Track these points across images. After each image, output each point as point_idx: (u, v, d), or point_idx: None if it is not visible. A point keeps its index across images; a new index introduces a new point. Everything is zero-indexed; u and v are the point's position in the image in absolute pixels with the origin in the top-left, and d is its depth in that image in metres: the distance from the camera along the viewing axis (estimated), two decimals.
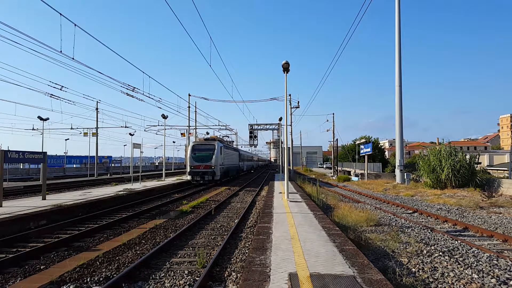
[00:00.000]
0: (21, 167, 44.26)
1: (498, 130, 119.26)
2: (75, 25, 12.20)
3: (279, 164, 52.29)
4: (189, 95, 32.82)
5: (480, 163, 24.53)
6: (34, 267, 6.12)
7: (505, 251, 7.40)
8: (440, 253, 6.94)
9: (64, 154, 58.47)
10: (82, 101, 79.69)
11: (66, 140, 51.78)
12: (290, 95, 37.80)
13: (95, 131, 38.42)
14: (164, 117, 27.04)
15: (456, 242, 7.97)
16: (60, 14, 11.52)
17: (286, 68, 12.84)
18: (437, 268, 6.07)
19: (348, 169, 46.28)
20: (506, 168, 30.98)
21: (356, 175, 36.40)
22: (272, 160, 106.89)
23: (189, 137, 33.19)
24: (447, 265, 6.22)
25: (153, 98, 23.95)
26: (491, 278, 5.54)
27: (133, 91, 20.92)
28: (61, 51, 12.60)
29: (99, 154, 47.11)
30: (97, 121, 37.87)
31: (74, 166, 59.95)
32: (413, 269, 6.02)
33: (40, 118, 34.23)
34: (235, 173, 34.38)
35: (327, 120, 46.87)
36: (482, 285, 5.26)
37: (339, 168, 48.15)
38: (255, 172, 53.17)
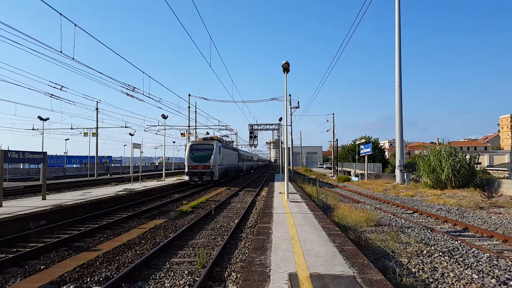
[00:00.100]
0: (21, 167, 44.27)
1: (498, 131, 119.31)
2: (75, 25, 12.22)
3: (279, 164, 52.30)
4: (189, 95, 32.89)
5: (480, 163, 24.54)
6: (34, 267, 6.12)
7: (505, 252, 7.40)
8: (440, 253, 6.94)
9: (64, 154, 58.53)
10: (82, 101, 79.78)
11: (66, 140, 51.90)
12: (290, 95, 37.88)
13: (95, 131, 38.45)
14: (164, 117, 27.06)
15: (456, 243, 7.97)
16: (60, 14, 11.53)
17: (286, 68, 12.84)
18: (437, 268, 6.07)
19: (348, 169, 46.30)
20: (506, 169, 30.98)
21: (356, 175, 36.40)
22: (272, 160, 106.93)
23: (189, 137, 33.21)
24: (447, 265, 6.22)
25: (153, 98, 24.00)
26: (491, 278, 5.55)
27: (133, 91, 20.95)
28: (61, 51, 12.62)
29: (99, 154, 47.15)
30: (97, 121, 37.94)
31: (74, 166, 59.96)
32: (413, 269, 6.02)
33: (40, 118, 34.25)
34: (235, 174, 34.02)
35: (327, 120, 46.95)
36: (482, 285, 5.26)
37: (339, 168, 48.16)
38: (255, 172, 53.16)
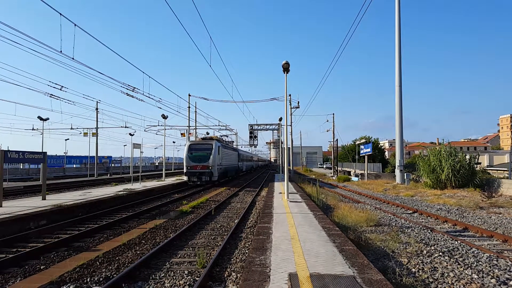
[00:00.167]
0: (21, 167, 44.28)
1: (498, 131, 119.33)
2: (75, 25, 12.21)
3: (279, 164, 52.31)
4: (189, 95, 32.87)
5: (480, 163, 24.54)
6: (34, 267, 6.12)
7: (505, 252, 7.40)
8: (440, 253, 6.94)
9: (64, 154, 58.55)
10: (82, 101, 79.68)
11: (66, 140, 51.93)
12: (290, 95, 37.88)
13: (95, 131, 38.44)
14: (164, 117, 27.06)
15: (456, 242, 7.98)
16: (60, 14, 11.52)
17: (286, 68, 12.84)
18: (437, 268, 6.07)
19: (348, 169, 46.31)
20: (506, 169, 30.99)
21: (356, 175, 36.41)
22: (272, 160, 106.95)
23: (189, 137, 33.17)
24: (447, 265, 6.22)
25: (153, 98, 23.94)
26: (491, 278, 5.55)
27: (133, 91, 20.94)
28: (61, 51, 12.60)
29: (99, 154, 47.16)
30: (97, 121, 37.92)
31: (74, 166, 59.97)
32: (413, 269, 6.03)
33: (40, 118, 34.26)
34: (234, 174, 33.73)
35: (327, 120, 46.97)
36: (482, 285, 5.26)
37: (339, 168, 48.17)
38: (255, 173, 53.16)
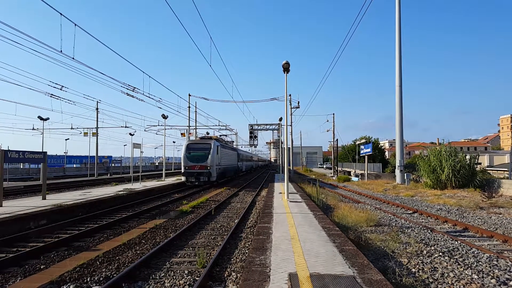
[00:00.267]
0: (21, 167, 44.28)
1: (499, 131, 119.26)
2: (75, 25, 12.21)
3: (279, 164, 52.31)
4: (189, 95, 32.86)
5: (480, 164, 24.54)
6: (34, 267, 6.13)
7: (505, 252, 7.40)
8: (440, 254, 6.94)
9: (64, 154, 58.51)
10: (82, 101, 79.89)
11: (66, 140, 51.83)
12: (290, 95, 37.90)
13: (95, 131, 38.46)
14: (164, 117, 27.07)
15: (456, 243, 7.97)
16: (60, 14, 11.53)
17: (286, 68, 12.84)
18: (437, 269, 6.07)
19: (348, 170, 46.30)
20: (506, 169, 30.95)
21: (356, 176, 36.40)
22: (272, 160, 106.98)
23: (189, 137, 33.13)
24: (447, 266, 6.22)
25: (153, 98, 23.92)
26: (491, 279, 5.55)
27: (133, 91, 20.94)
28: (61, 51, 12.59)
29: (99, 154, 47.16)
30: (97, 121, 37.94)
31: (74, 166, 59.97)
32: (413, 270, 6.03)
33: (40, 118, 34.24)
34: (233, 174, 33.31)
35: (327, 120, 47.00)
36: (482, 286, 5.26)
37: (339, 169, 48.17)
38: (255, 173, 53.16)
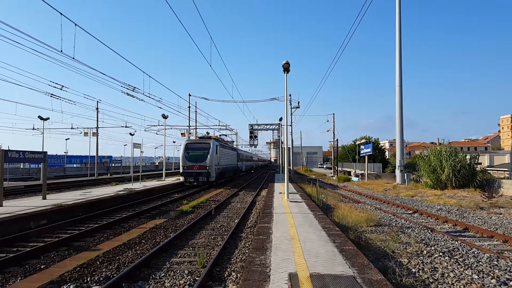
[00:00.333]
0: (22, 167, 44.31)
1: (499, 131, 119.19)
2: (76, 25, 12.20)
3: (279, 164, 52.29)
4: (189, 95, 32.89)
5: (480, 164, 24.52)
6: (35, 267, 6.13)
7: (505, 252, 7.40)
8: (440, 254, 6.94)
9: (65, 154, 58.47)
10: (83, 101, 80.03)
11: (67, 140, 51.82)
12: (290, 95, 37.90)
13: (96, 131, 38.45)
14: (165, 117, 27.08)
15: (456, 243, 7.97)
16: (61, 14, 11.52)
17: (287, 68, 12.83)
18: (437, 269, 6.07)
19: (348, 170, 46.28)
20: (507, 169, 30.91)
21: (356, 176, 36.39)
22: (272, 160, 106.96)
23: (189, 137, 33.14)
24: (447, 266, 6.22)
25: (154, 98, 23.90)
26: (491, 279, 5.55)
27: (134, 91, 20.93)
28: (62, 51, 12.59)
29: (100, 154, 47.13)
30: (98, 121, 37.92)
31: (75, 166, 59.99)
32: (413, 270, 6.02)
33: (41, 118, 34.25)
34: (233, 174, 32.98)
35: (327, 120, 47.02)
36: (482, 286, 5.26)
37: (339, 168, 48.15)
38: (255, 173, 53.16)
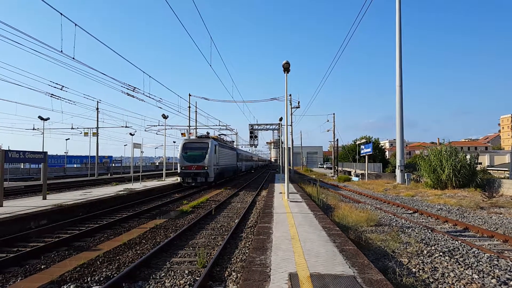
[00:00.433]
0: (22, 167, 44.32)
1: (499, 131, 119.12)
2: (76, 25, 12.20)
3: (280, 164, 52.28)
4: (190, 95, 32.88)
5: (481, 163, 24.51)
6: (35, 267, 6.13)
7: (506, 252, 7.40)
8: (441, 253, 6.94)
9: (65, 154, 58.50)
10: (83, 101, 79.96)
11: (67, 140, 51.90)
12: (291, 95, 37.86)
13: (96, 131, 38.45)
14: (165, 117, 27.07)
15: (457, 242, 7.97)
16: (61, 14, 11.52)
17: (287, 68, 12.82)
18: (438, 268, 6.07)
19: (349, 169, 46.27)
20: (507, 169, 30.89)
21: (357, 175, 36.39)
22: (273, 160, 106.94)
23: (190, 137, 33.13)
24: (448, 265, 6.22)
25: (154, 98, 23.84)
26: (492, 279, 5.54)
27: (134, 91, 20.92)
28: (62, 51, 12.59)
29: (100, 154, 47.11)
30: (98, 121, 37.93)
31: (75, 166, 59.99)
32: (414, 269, 6.02)
33: (41, 118, 34.26)
34: (232, 174, 32.56)
35: (328, 120, 47.03)
36: (483, 286, 5.26)
37: (340, 168, 48.14)
38: (255, 173, 53.15)
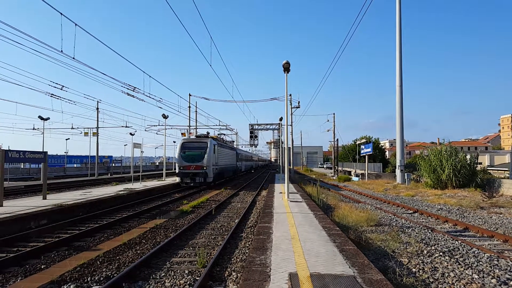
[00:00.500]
0: (22, 167, 44.32)
1: (499, 131, 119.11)
2: (76, 25, 12.19)
3: (280, 164, 52.28)
4: (190, 95, 32.84)
5: (481, 163, 24.51)
6: (35, 267, 6.13)
7: (506, 252, 7.40)
8: (441, 253, 6.93)
9: (65, 154, 58.49)
10: (83, 101, 79.92)
11: (67, 140, 51.91)
12: (291, 95, 37.83)
13: (96, 131, 38.45)
14: (165, 117, 27.08)
15: (457, 242, 7.97)
16: (61, 14, 11.52)
17: (287, 68, 12.82)
18: (438, 268, 6.06)
19: (349, 169, 46.26)
20: (507, 169, 30.88)
21: (357, 175, 36.39)
22: (273, 160, 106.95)
23: (189, 137, 33.10)
24: (448, 265, 6.22)
25: (154, 98, 23.78)
26: (492, 279, 5.54)
27: (134, 91, 20.91)
28: (62, 51, 12.58)
29: (100, 154, 47.10)
30: (98, 121, 37.93)
31: (75, 166, 60.00)
32: (414, 269, 6.02)
33: (41, 118, 34.26)
34: (232, 174, 32.20)
35: (328, 120, 47.03)
36: (483, 285, 5.26)
37: (340, 168, 48.13)
38: (255, 173, 53.16)
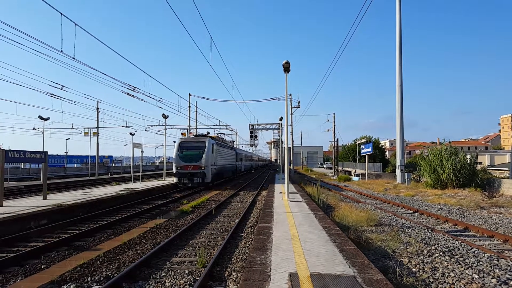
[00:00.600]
0: (22, 167, 44.34)
1: (499, 130, 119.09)
2: (76, 25, 12.20)
3: (280, 164, 52.29)
4: (190, 95, 32.88)
5: (481, 163, 24.50)
6: (35, 267, 6.13)
7: (506, 251, 7.40)
8: (441, 253, 6.93)
9: (65, 154, 58.50)
10: (83, 101, 79.89)
11: (67, 140, 52.03)
12: (291, 95, 37.89)
13: (96, 131, 38.47)
14: (165, 117, 27.09)
15: (457, 242, 7.97)
16: (61, 14, 11.51)
17: (287, 68, 12.81)
18: (438, 268, 6.06)
19: (349, 169, 46.25)
20: (507, 168, 30.87)
21: (357, 175, 36.39)
22: (273, 160, 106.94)
23: (190, 137, 33.07)
24: (448, 265, 6.22)
25: (154, 98, 23.79)
26: (492, 278, 5.54)
27: (134, 91, 20.91)
28: (62, 51, 12.58)
29: (100, 154, 47.08)
30: (98, 121, 37.95)
31: (75, 166, 60.02)
32: (414, 269, 6.02)
33: (41, 118, 34.27)
34: (231, 174, 31.56)
35: (328, 120, 47.02)
36: (483, 285, 5.25)
37: (340, 168, 48.13)
38: (255, 172, 53.15)
